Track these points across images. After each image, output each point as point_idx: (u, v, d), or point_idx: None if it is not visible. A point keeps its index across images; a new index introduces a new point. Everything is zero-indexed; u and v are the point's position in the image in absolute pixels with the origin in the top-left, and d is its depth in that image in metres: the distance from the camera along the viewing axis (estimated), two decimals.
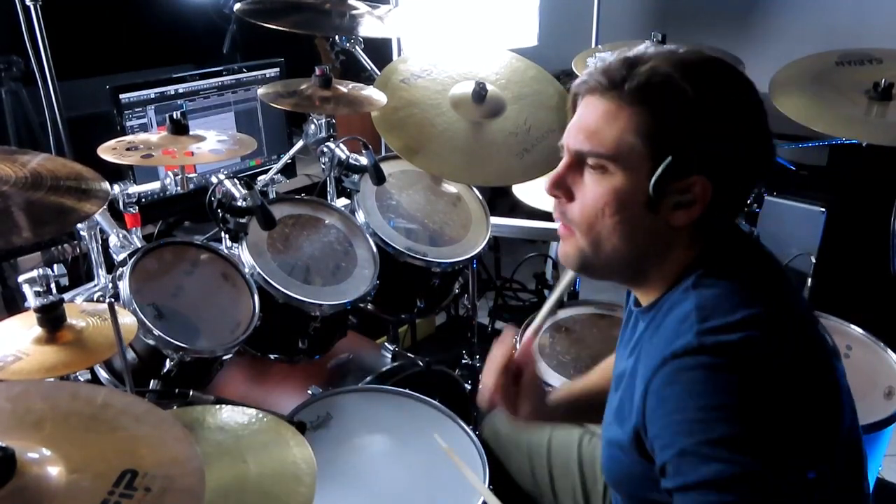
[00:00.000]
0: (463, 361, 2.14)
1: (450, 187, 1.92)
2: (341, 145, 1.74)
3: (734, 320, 0.80)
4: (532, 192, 1.98)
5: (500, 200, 2.70)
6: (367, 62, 2.02)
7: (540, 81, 1.93)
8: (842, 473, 0.86)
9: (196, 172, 1.55)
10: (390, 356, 1.79)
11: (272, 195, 1.75)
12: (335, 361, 1.73)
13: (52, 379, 1.07)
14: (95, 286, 1.51)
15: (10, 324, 1.15)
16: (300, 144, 1.79)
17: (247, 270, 1.47)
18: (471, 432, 1.40)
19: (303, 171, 2.49)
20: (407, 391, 1.51)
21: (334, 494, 1.24)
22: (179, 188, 1.52)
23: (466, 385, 1.79)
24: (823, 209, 2.61)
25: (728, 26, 3.29)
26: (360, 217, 1.72)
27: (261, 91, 1.63)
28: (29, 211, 0.94)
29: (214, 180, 1.37)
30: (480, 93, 1.78)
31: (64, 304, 1.13)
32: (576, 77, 0.94)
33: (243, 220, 1.37)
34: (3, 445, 0.69)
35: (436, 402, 1.48)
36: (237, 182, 1.35)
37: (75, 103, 1.98)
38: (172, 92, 1.97)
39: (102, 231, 1.46)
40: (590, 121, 0.89)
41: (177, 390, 1.26)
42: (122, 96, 1.88)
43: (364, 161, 1.70)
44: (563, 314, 1.93)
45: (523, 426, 1.37)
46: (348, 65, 2.79)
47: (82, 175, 1.05)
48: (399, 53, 2.48)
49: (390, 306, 1.81)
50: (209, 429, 1.13)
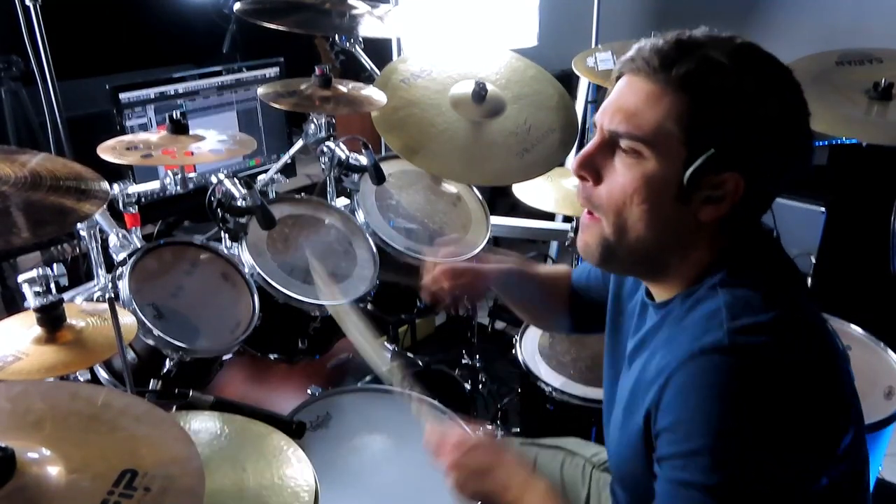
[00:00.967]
0: (463, 361, 2.14)
1: (450, 187, 1.92)
2: (341, 145, 1.74)
3: (764, 321, 0.79)
4: (532, 192, 1.98)
5: (500, 200, 2.70)
6: (367, 62, 2.02)
7: (540, 81, 1.93)
8: (848, 479, 0.85)
9: (196, 172, 1.55)
10: (390, 356, 1.79)
11: (272, 195, 1.75)
12: (335, 361, 1.73)
13: (52, 379, 1.07)
14: (95, 286, 1.50)
15: (10, 324, 1.15)
16: (300, 144, 1.79)
17: (247, 270, 1.47)
18: (470, 432, 1.40)
19: (303, 171, 2.49)
20: (407, 391, 1.50)
21: (334, 495, 1.24)
22: (179, 188, 1.53)
23: (466, 385, 1.79)
24: (823, 209, 2.61)
25: (728, 26, 3.26)
26: (360, 217, 1.72)
27: (261, 91, 1.63)
28: (28, 211, 0.93)
29: (214, 180, 1.37)
30: (480, 93, 1.78)
31: (64, 304, 1.13)
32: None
33: (243, 220, 1.38)
34: (3, 445, 0.69)
35: (436, 402, 1.48)
36: (237, 182, 1.35)
37: (75, 103, 1.98)
38: (172, 92, 1.97)
39: (102, 231, 1.46)
40: (629, 102, 0.84)
41: (176, 390, 1.26)
42: (122, 96, 1.87)
43: (364, 161, 1.70)
44: None
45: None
46: (348, 65, 2.79)
47: (82, 175, 1.04)
48: (399, 53, 2.48)
49: (390, 306, 1.81)
50: (211, 434, 1.12)
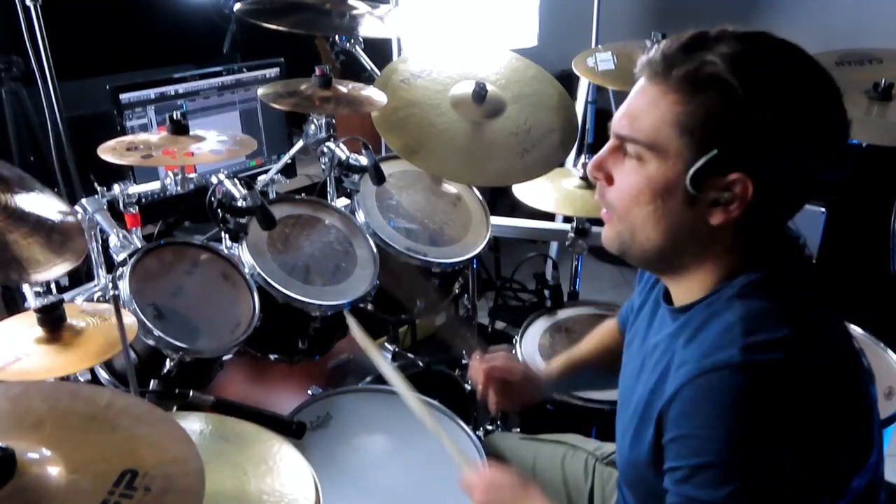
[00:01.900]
0: (463, 361, 2.13)
1: (450, 187, 1.92)
2: (341, 145, 1.74)
3: (780, 337, 0.77)
4: (532, 192, 1.98)
5: (500, 200, 2.69)
6: (367, 62, 2.02)
7: (540, 81, 1.93)
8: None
9: (196, 172, 1.55)
10: (390, 356, 1.79)
11: (272, 195, 1.75)
12: (335, 361, 1.73)
13: (53, 379, 1.07)
14: (95, 286, 1.51)
15: (10, 324, 1.15)
16: (300, 144, 1.79)
17: (247, 270, 1.47)
18: (470, 432, 1.40)
19: (303, 171, 2.49)
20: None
21: (334, 495, 1.24)
22: (179, 188, 1.52)
23: (466, 385, 1.79)
24: (823, 209, 2.61)
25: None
26: (360, 217, 1.72)
27: (261, 91, 1.63)
28: None
29: (214, 180, 1.37)
30: (480, 93, 1.78)
31: (64, 305, 1.13)
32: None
33: (243, 220, 1.37)
34: (3, 445, 0.69)
35: (436, 402, 1.48)
36: (237, 182, 1.35)
37: (75, 103, 1.98)
38: (172, 92, 1.97)
39: (102, 231, 1.46)
40: (634, 106, 0.86)
41: (177, 390, 1.26)
42: (122, 96, 1.87)
43: (364, 161, 1.70)
44: (563, 314, 1.93)
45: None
46: (348, 65, 2.78)
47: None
48: (399, 53, 2.48)
49: (390, 306, 1.81)
50: (213, 436, 1.12)
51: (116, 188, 1.48)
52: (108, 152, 1.37)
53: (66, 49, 1.83)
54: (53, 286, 1.23)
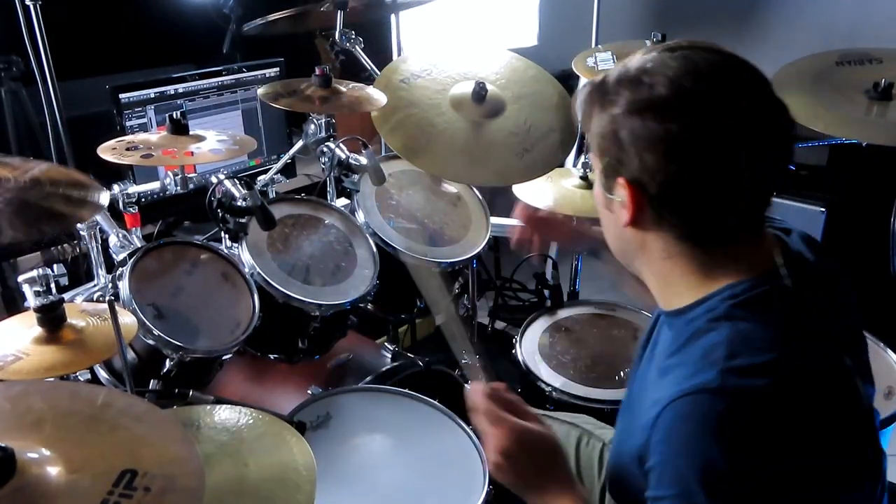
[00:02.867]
0: (463, 361, 2.13)
1: (450, 187, 1.92)
2: (341, 145, 1.74)
3: (762, 362, 0.76)
4: (532, 192, 1.98)
5: (500, 200, 2.69)
6: (367, 62, 2.02)
7: (540, 81, 1.92)
8: None
9: (196, 172, 1.55)
10: (390, 356, 1.79)
11: (272, 195, 1.75)
12: (335, 361, 1.72)
13: (52, 379, 1.07)
14: (95, 286, 1.51)
15: (10, 324, 1.15)
16: (300, 144, 1.79)
17: (247, 270, 1.47)
18: (470, 432, 1.40)
19: (303, 171, 2.49)
20: (407, 391, 1.51)
21: (334, 495, 1.24)
22: (179, 188, 1.53)
23: (466, 385, 1.78)
24: (823, 209, 2.61)
25: (728, 26, 3.29)
26: (360, 217, 1.72)
27: (261, 91, 1.63)
28: (20, 213, 0.94)
29: (214, 180, 1.37)
30: (480, 93, 1.78)
31: (64, 304, 1.13)
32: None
33: (243, 220, 1.37)
34: (3, 445, 0.69)
35: (436, 402, 1.48)
36: (237, 182, 1.35)
37: (75, 103, 1.97)
38: (172, 92, 1.97)
39: (102, 231, 1.46)
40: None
41: (176, 390, 1.26)
42: (122, 96, 1.87)
43: (364, 161, 1.70)
44: (563, 314, 1.93)
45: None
46: (348, 65, 2.78)
47: (81, 183, 1.06)
48: (399, 53, 2.48)
49: (390, 306, 1.81)
50: (212, 429, 1.13)
51: (116, 188, 1.47)
52: (108, 152, 1.37)
53: (66, 49, 1.83)
54: (53, 286, 1.22)
